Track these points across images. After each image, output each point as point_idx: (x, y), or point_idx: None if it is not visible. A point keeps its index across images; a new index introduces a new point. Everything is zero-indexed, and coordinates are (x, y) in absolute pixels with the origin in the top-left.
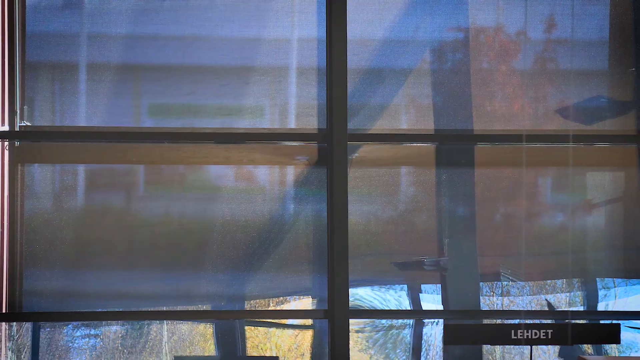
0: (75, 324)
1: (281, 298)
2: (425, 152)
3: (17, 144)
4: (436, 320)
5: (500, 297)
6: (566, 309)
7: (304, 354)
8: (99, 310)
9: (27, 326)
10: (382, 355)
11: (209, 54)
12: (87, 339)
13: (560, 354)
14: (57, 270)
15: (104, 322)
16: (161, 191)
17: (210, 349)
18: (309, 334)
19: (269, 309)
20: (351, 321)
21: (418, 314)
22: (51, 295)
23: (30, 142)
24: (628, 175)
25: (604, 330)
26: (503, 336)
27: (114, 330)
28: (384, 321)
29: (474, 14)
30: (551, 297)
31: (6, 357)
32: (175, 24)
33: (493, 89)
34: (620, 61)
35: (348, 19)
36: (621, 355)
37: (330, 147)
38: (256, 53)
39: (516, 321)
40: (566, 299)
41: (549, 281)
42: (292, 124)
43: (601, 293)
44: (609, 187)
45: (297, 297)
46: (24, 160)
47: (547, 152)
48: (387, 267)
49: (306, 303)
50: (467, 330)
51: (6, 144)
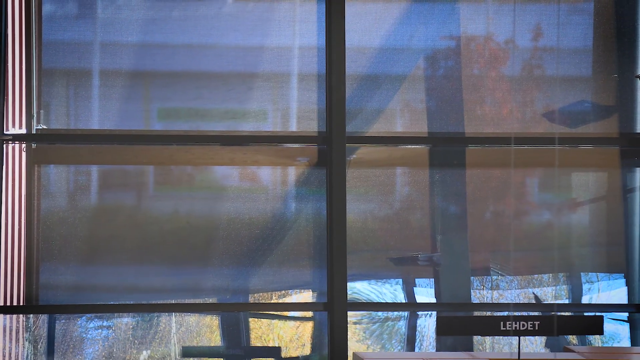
0: (88, 316)
1: (283, 291)
2: (420, 153)
3: (33, 146)
4: (429, 313)
5: (490, 291)
6: (552, 302)
7: (304, 345)
8: (111, 303)
9: (43, 318)
10: (378, 346)
11: (215, 61)
12: (100, 330)
13: (547, 345)
14: (71, 265)
15: (115, 314)
16: (170, 190)
17: (217, 339)
18: (309, 326)
19: (272, 301)
20: (349, 313)
21: (412, 307)
22: (66, 288)
23: (46, 145)
24: (611, 175)
25: (588, 322)
26: (492, 327)
27: (125, 322)
28: (380, 313)
29: (465, 24)
30: (538, 291)
31: (24, 347)
32: (183, 33)
33: (483, 94)
34: (603, 68)
35: (346, 28)
36: (604, 346)
37: (330, 149)
38: (259, 60)
39: (505, 313)
40: (552, 292)
41: (536, 275)
42: (293, 127)
43: (585, 287)
44: (592, 187)
45: (298, 290)
46: (40, 161)
47: (534, 153)
48: (383, 262)
49: (307, 296)
50: (459, 322)
51: (23, 146)
